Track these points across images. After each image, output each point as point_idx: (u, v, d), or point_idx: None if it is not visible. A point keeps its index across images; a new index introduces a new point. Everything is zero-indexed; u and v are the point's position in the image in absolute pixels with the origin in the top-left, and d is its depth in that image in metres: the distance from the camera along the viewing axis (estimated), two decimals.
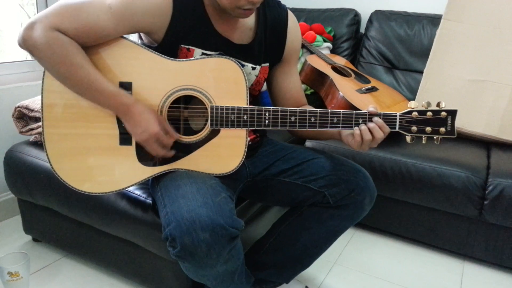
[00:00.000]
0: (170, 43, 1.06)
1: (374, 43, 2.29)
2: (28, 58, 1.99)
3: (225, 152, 1.07)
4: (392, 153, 1.69)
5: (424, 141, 1.06)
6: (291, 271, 1.34)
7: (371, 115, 1.04)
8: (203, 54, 1.08)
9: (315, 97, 2.04)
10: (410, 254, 1.74)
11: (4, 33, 2.07)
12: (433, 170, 1.60)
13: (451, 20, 1.88)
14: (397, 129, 1.05)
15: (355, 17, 2.39)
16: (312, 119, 1.05)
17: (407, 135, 1.05)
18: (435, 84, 1.87)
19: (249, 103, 1.06)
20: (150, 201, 1.23)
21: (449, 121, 1.04)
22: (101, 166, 1.06)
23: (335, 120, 1.05)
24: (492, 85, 1.79)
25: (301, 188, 1.21)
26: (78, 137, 1.05)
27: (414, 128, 1.05)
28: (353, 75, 2.01)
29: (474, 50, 1.83)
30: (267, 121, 1.05)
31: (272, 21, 1.19)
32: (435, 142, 1.05)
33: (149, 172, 1.08)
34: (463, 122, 1.79)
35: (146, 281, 1.38)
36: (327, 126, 1.06)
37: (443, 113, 1.03)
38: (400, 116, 1.05)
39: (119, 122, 1.04)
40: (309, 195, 1.21)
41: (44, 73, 1.02)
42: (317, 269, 1.58)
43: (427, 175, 1.61)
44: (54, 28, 0.94)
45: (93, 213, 1.32)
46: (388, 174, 1.67)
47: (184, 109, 1.09)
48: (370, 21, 2.34)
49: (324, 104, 1.86)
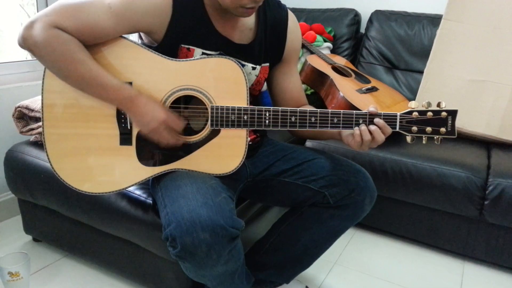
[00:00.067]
0: (170, 43, 1.06)
1: (374, 43, 2.29)
2: (28, 58, 1.99)
3: (226, 152, 1.07)
4: (392, 153, 1.69)
5: (424, 141, 1.06)
6: (291, 271, 1.34)
7: (372, 115, 1.04)
8: (203, 54, 1.08)
9: (315, 97, 2.04)
10: (410, 254, 1.74)
11: (4, 33, 2.07)
12: (433, 170, 1.60)
13: (451, 20, 1.87)
14: (398, 129, 1.05)
15: (355, 17, 2.39)
16: (313, 119, 1.05)
17: (408, 135, 1.05)
18: (435, 84, 1.87)
19: (249, 103, 1.06)
20: (151, 201, 1.23)
21: (450, 121, 1.04)
22: (101, 166, 1.06)
23: (335, 120, 1.05)
24: (492, 85, 1.79)
25: (302, 188, 1.21)
26: (78, 137, 1.05)
27: (415, 128, 1.05)
28: (353, 75, 2.01)
29: (474, 50, 1.83)
30: (267, 121, 1.05)
31: (272, 21, 1.19)
32: (436, 142, 1.05)
33: (150, 172, 1.08)
34: (464, 122, 1.79)
35: (146, 281, 1.38)
36: (327, 126, 1.06)
37: (444, 113, 1.03)
38: (400, 116, 1.04)
39: (119, 122, 1.04)
40: (309, 195, 1.21)
41: (44, 73, 1.02)
42: (317, 269, 1.58)
43: (428, 175, 1.61)
44: (54, 26, 0.93)
45: (93, 213, 1.32)
46: (388, 174, 1.67)
47: (184, 109, 1.09)
48: (370, 21, 2.34)
49: (324, 104, 1.86)
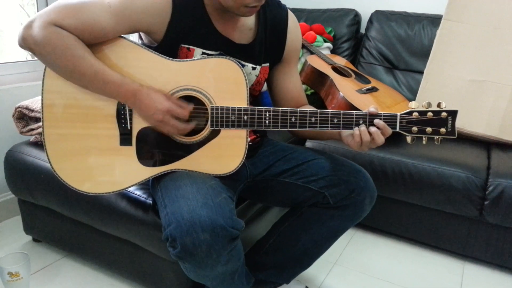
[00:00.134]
0: (170, 42, 1.06)
1: (374, 43, 2.29)
2: (29, 58, 1.99)
3: (226, 153, 1.07)
4: (393, 153, 1.69)
5: (424, 142, 1.06)
6: (291, 271, 1.34)
7: (372, 115, 1.04)
8: (203, 53, 1.08)
9: (315, 97, 2.04)
10: (410, 254, 1.73)
11: (4, 33, 2.07)
12: (433, 170, 1.60)
13: (451, 20, 1.87)
14: (398, 129, 1.05)
15: (355, 17, 2.39)
16: (313, 119, 1.05)
17: (408, 136, 1.05)
18: (435, 84, 1.87)
19: (250, 103, 1.06)
20: (151, 202, 1.23)
21: (450, 122, 1.03)
22: (101, 167, 1.06)
23: (335, 120, 1.05)
24: (493, 85, 1.79)
25: (302, 188, 1.21)
26: (78, 138, 1.04)
27: (415, 128, 1.05)
28: (353, 75, 2.01)
29: (474, 50, 1.83)
30: (267, 122, 1.05)
31: (272, 21, 1.19)
32: (436, 143, 1.05)
33: (150, 172, 1.08)
34: (464, 122, 1.79)
35: (146, 281, 1.38)
36: (327, 127, 1.06)
37: (444, 114, 1.03)
38: (400, 116, 1.04)
39: (119, 123, 1.04)
40: (309, 196, 1.21)
41: (45, 73, 1.02)
42: (317, 270, 1.58)
43: (428, 176, 1.61)
44: (54, 24, 0.93)
45: (93, 213, 1.32)
46: (388, 174, 1.67)
47: None
48: (370, 21, 2.34)
49: (324, 105, 1.86)
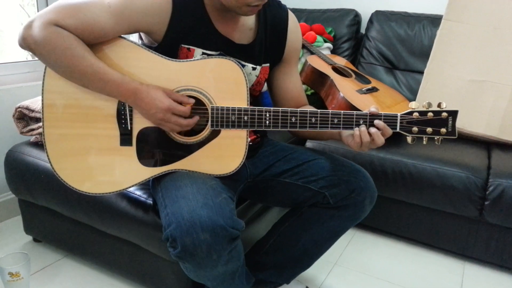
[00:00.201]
0: (170, 43, 1.06)
1: (375, 43, 2.29)
2: (29, 58, 1.99)
3: (226, 153, 1.07)
4: (393, 153, 1.69)
5: (425, 142, 1.06)
6: (291, 271, 1.34)
7: (372, 115, 1.04)
8: (203, 54, 1.08)
9: (316, 97, 2.04)
10: (410, 254, 1.73)
11: (4, 33, 2.07)
12: (433, 170, 1.60)
13: (451, 20, 1.87)
14: (398, 129, 1.05)
15: (356, 17, 2.39)
16: (313, 119, 1.05)
17: (408, 136, 1.05)
18: (436, 84, 1.87)
19: (250, 103, 1.06)
20: (151, 202, 1.23)
21: (450, 122, 1.03)
22: (101, 167, 1.06)
23: (335, 120, 1.05)
24: (493, 85, 1.79)
25: (302, 188, 1.21)
26: (78, 138, 1.04)
27: (415, 128, 1.05)
28: (353, 75, 2.01)
29: (474, 50, 1.83)
30: (267, 122, 1.05)
31: (273, 21, 1.18)
32: (436, 143, 1.05)
33: (150, 172, 1.08)
34: (464, 122, 1.79)
35: (146, 281, 1.38)
36: (327, 127, 1.06)
37: (444, 114, 1.03)
38: (401, 116, 1.04)
39: (119, 123, 1.04)
40: (309, 196, 1.21)
41: (45, 73, 1.02)
42: (317, 270, 1.58)
43: (428, 176, 1.61)
44: (53, 24, 0.93)
45: (94, 213, 1.32)
46: (388, 174, 1.67)
47: None
48: (370, 21, 2.34)
49: (324, 105, 1.86)
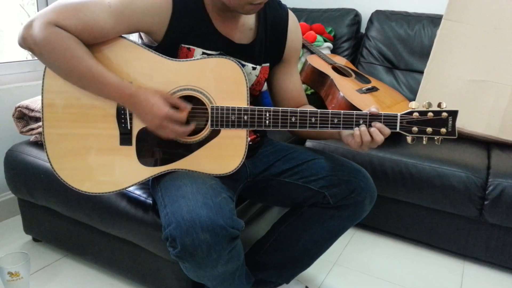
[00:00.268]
0: (170, 42, 1.06)
1: (375, 43, 2.29)
2: (29, 58, 1.99)
3: (226, 153, 1.07)
4: (393, 153, 1.69)
5: (424, 142, 1.06)
6: (291, 271, 1.34)
7: (372, 115, 1.04)
8: (203, 53, 1.08)
9: (316, 97, 2.04)
10: (410, 254, 1.73)
11: (4, 33, 2.07)
12: (433, 170, 1.60)
13: (451, 20, 1.87)
14: (398, 129, 1.05)
15: (356, 17, 2.39)
16: (313, 119, 1.05)
17: (408, 136, 1.05)
18: (436, 84, 1.87)
19: (250, 103, 1.06)
20: (151, 201, 1.23)
21: (450, 122, 1.03)
22: (101, 166, 1.06)
23: (335, 120, 1.05)
24: (493, 85, 1.79)
25: (302, 188, 1.21)
26: (78, 137, 1.04)
27: (415, 128, 1.04)
28: (353, 75, 2.01)
29: (474, 50, 1.83)
30: (267, 122, 1.05)
31: (273, 21, 1.18)
32: (436, 143, 1.05)
33: (150, 172, 1.08)
34: (464, 122, 1.79)
35: (146, 281, 1.38)
36: (327, 127, 1.05)
37: (444, 114, 1.03)
38: (401, 116, 1.04)
39: (119, 122, 1.04)
40: (309, 196, 1.21)
41: (45, 73, 1.02)
42: (317, 270, 1.58)
43: (428, 175, 1.61)
44: (54, 24, 0.93)
45: (93, 213, 1.32)
46: (388, 174, 1.67)
47: None
48: (370, 21, 2.34)
49: (324, 104, 1.86)
